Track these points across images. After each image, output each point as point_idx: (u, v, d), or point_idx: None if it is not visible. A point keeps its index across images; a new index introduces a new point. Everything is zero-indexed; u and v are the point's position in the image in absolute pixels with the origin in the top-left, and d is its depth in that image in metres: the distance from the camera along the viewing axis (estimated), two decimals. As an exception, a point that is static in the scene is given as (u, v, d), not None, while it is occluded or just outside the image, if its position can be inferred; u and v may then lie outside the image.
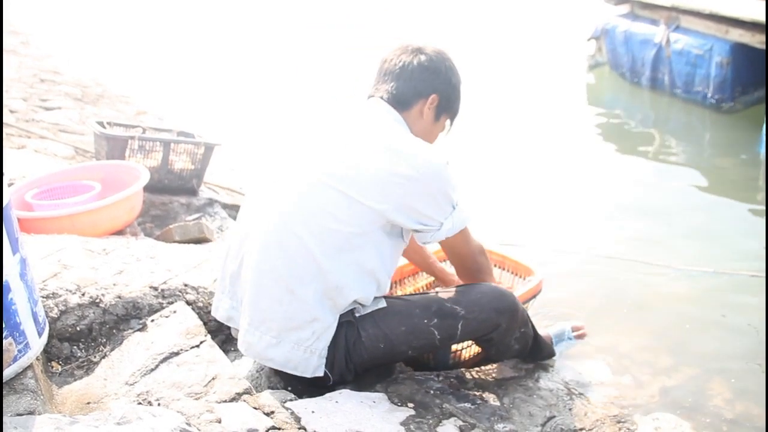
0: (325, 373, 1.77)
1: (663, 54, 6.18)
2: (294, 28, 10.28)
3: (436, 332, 1.82)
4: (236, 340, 1.87)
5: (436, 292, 1.91)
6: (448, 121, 1.97)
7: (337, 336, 1.76)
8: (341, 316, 1.77)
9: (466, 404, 1.88)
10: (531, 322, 2.07)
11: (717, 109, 5.79)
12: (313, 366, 1.76)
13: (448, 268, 2.33)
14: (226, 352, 1.99)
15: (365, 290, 1.76)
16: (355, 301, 1.77)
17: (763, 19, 5.12)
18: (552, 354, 2.29)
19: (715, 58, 5.64)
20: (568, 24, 8.94)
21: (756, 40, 5.30)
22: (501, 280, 2.50)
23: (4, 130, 4.03)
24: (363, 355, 1.80)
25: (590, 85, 7.38)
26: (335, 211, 1.70)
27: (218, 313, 1.90)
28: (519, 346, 2.04)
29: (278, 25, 10.48)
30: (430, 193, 1.73)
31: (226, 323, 1.90)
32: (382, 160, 1.70)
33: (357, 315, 1.79)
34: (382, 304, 1.82)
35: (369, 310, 1.80)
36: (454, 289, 1.92)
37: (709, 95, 5.81)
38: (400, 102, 1.86)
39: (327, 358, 1.76)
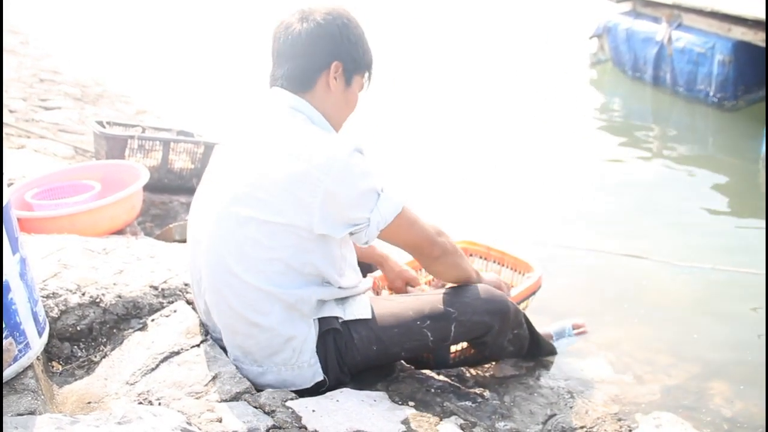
0: (324, 377, 1.76)
1: (665, 52, 6.17)
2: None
3: (429, 334, 1.81)
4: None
5: (429, 294, 1.89)
6: (364, 78, 1.81)
7: (325, 344, 1.75)
8: (323, 323, 1.74)
9: (466, 402, 1.88)
10: (528, 322, 2.06)
11: (719, 107, 5.77)
12: (308, 377, 1.75)
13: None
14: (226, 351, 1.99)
15: (325, 291, 1.73)
16: (329, 302, 1.74)
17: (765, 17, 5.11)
18: (553, 352, 2.29)
19: (717, 56, 5.62)
20: (570, 22, 8.93)
21: (758, 38, 5.28)
22: (501, 276, 2.50)
23: (4, 129, 4.03)
24: (356, 357, 1.79)
25: (592, 82, 7.37)
26: (262, 241, 1.62)
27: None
28: (513, 348, 2.03)
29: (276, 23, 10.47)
30: (344, 189, 1.59)
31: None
32: (284, 170, 1.59)
33: (341, 321, 1.76)
34: (367, 315, 1.78)
35: (353, 317, 1.77)
36: (447, 290, 1.90)
37: (712, 93, 5.79)
38: (301, 83, 1.71)
39: (320, 365, 1.75)
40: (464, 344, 2.01)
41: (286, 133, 1.66)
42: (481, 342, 1.92)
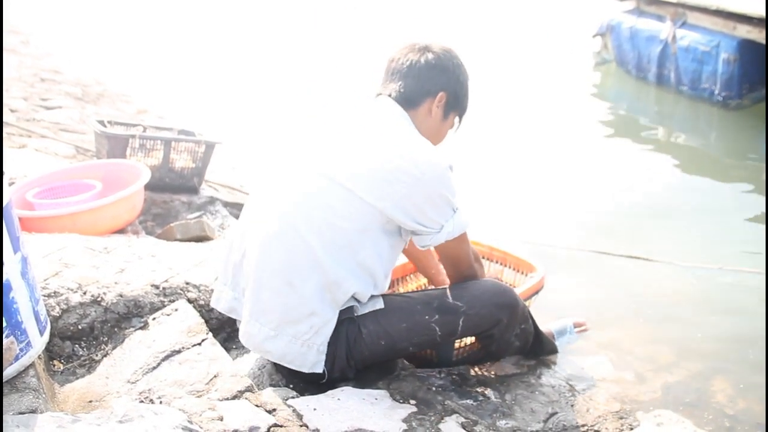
0: (323, 370, 1.77)
1: (669, 50, 6.15)
2: (294, 25, 10.27)
3: (437, 328, 1.82)
4: (238, 336, 1.87)
5: (437, 289, 1.91)
6: (456, 119, 1.96)
7: (338, 333, 1.76)
8: (341, 312, 1.77)
9: (468, 401, 1.88)
10: (532, 318, 2.07)
11: (724, 106, 5.75)
12: (311, 361, 1.75)
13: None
14: (227, 349, 2.00)
15: (363, 286, 1.76)
16: (353, 297, 1.77)
17: None
18: (554, 350, 2.29)
19: (722, 54, 5.59)
20: (573, 20, 8.92)
21: (763, 36, 5.25)
22: (504, 277, 2.50)
23: (5, 129, 4.03)
24: (364, 351, 1.80)
25: (596, 81, 7.36)
26: (336, 206, 1.70)
27: (219, 305, 1.90)
28: (519, 343, 2.04)
29: (277, 23, 10.48)
30: (432, 194, 1.72)
31: (227, 314, 1.90)
32: (386, 157, 1.70)
33: (356, 314, 1.79)
34: (380, 305, 1.81)
35: (367, 310, 1.80)
36: (454, 285, 1.92)
37: (716, 92, 5.76)
38: (408, 100, 1.84)
39: (327, 355, 1.76)
40: (468, 341, 2.01)
41: (394, 131, 1.77)
42: (489, 335, 1.93)
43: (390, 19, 10.28)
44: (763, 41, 5.26)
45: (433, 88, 1.85)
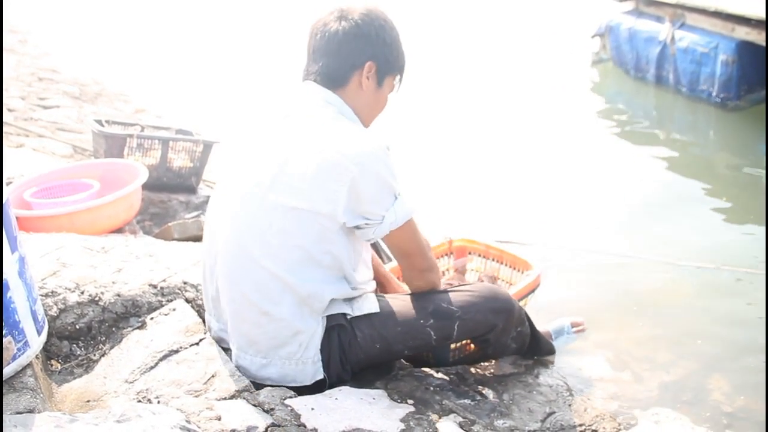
0: (324, 375, 1.77)
1: (668, 52, 6.14)
2: (292, 25, 10.26)
3: (432, 333, 1.81)
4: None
5: (433, 293, 1.88)
6: (396, 79, 1.84)
7: (329, 340, 1.75)
8: (330, 319, 1.75)
9: (465, 401, 1.88)
10: (529, 319, 2.07)
11: (722, 107, 5.73)
12: (310, 374, 1.76)
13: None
14: (225, 349, 1.99)
15: (339, 288, 1.74)
16: (336, 300, 1.75)
17: None
18: (552, 351, 2.29)
19: (720, 56, 5.57)
20: (572, 21, 8.92)
21: (762, 38, 5.23)
22: (500, 274, 2.50)
23: (3, 128, 4.03)
24: (359, 355, 1.79)
25: (594, 82, 7.35)
26: (286, 227, 1.65)
27: (210, 332, 1.90)
28: (516, 345, 2.04)
29: (276, 22, 10.47)
30: (372, 185, 1.64)
31: (219, 344, 1.88)
32: (319, 158, 1.62)
33: (349, 317, 1.77)
34: (375, 308, 1.79)
35: (361, 313, 1.78)
36: (450, 289, 1.90)
37: (715, 94, 5.74)
38: (334, 79, 1.74)
39: (322, 361, 1.76)
40: (465, 342, 2.01)
41: (318, 124, 1.69)
42: (484, 340, 1.92)
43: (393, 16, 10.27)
44: (762, 43, 5.25)
45: (358, 60, 1.74)
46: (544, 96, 6.59)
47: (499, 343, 1.95)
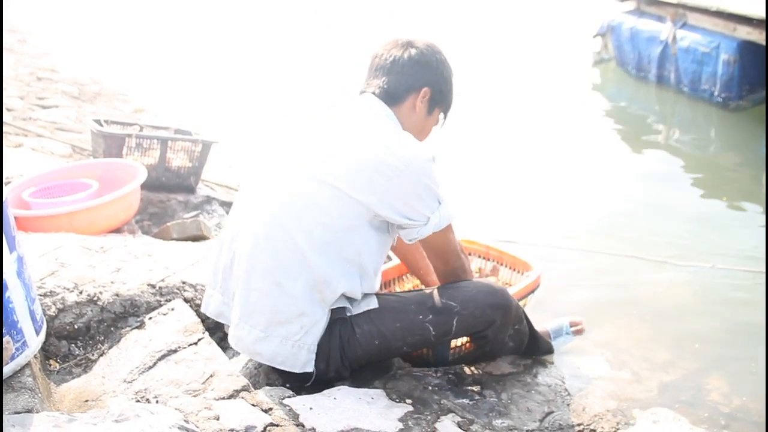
0: (314, 370, 1.77)
1: (669, 51, 6.13)
2: (291, 24, 10.27)
3: (431, 328, 1.83)
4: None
5: (431, 289, 1.91)
6: (441, 115, 1.95)
7: (331, 333, 1.76)
8: (333, 312, 1.76)
9: (464, 400, 1.88)
10: (527, 319, 2.07)
11: (724, 107, 5.72)
12: (302, 361, 1.75)
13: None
14: (224, 349, 1.99)
15: (352, 284, 1.76)
16: (343, 295, 1.76)
17: None
18: (550, 350, 2.30)
19: (722, 55, 5.57)
20: (574, 20, 8.92)
21: (764, 38, 5.23)
22: (500, 275, 2.51)
23: (2, 128, 4.02)
24: (357, 351, 1.80)
25: (596, 81, 7.35)
26: (324, 204, 1.70)
27: (209, 309, 1.89)
28: (514, 344, 2.04)
29: (276, 22, 10.47)
30: (417, 186, 1.72)
31: (216, 319, 1.89)
32: (369, 152, 1.70)
33: (349, 314, 1.78)
34: (374, 304, 1.81)
35: (361, 310, 1.79)
36: (448, 285, 1.91)
37: (716, 93, 5.74)
38: (392, 96, 1.84)
39: (322, 355, 1.76)
40: (464, 340, 2.01)
41: (377, 127, 1.76)
42: (482, 336, 1.93)
43: (392, 16, 10.28)
44: (764, 42, 5.24)
45: (417, 83, 1.85)
46: (546, 95, 6.60)
47: (496, 340, 1.96)
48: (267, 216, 1.74)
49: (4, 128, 4.06)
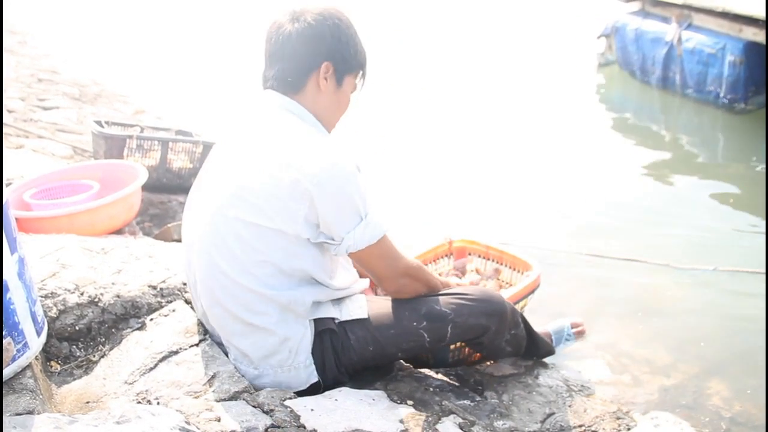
0: (319, 379, 1.77)
1: (674, 53, 6.09)
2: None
3: (425, 335, 1.81)
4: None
5: (426, 295, 1.86)
6: (359, 77, 1.80)
7: (322, 343, 1.75)
8: (319, 323, 1.75)
9: (465, 401, 1.88)
10: (525, 322, 2.06)
11: (729, 109, 5.67)
12: (304, 378, 1.76)
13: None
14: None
15: (319, 293, 1.73)
16: (317, 303, 1.74)
17: None
18: (551, 352, 2.29)
19: (728, 57, 5.51)
20: (577, 21, 8.90)
21: (770, 39, 5.18)
22: (501, 277, 2.50)
23: (2, 129, 4.02)
24: (353, 357, 1.79)
25: (599, 83, 7.31)
26: (254, 243, 1.63)
27: (213, 338, 1.90)
28: (511, 349, 2.03)
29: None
30: (330, 203, 1.60)
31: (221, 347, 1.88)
32: (274, 177, 1.60)
33: (337, 322, 1.77)
34: (363, 313, 1.79)
35: (350, 317, 1.78)
36: (443, 292, 1.88)
37: (722, 95, 5.68)
38: (291, 85, 1.71)
39: (317, 365, 1.75)
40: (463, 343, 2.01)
41: (277, 137, 1.65)
42: (478, 343, 1.92)
43: (395, 16, 10.28)
44: None
45: (314, 62, 1.69)
46: (549, 97, 6.58)
47: (493, 345, 1.95)
48: (209, 268, 1.69)
49: (6, 130, 4.06)
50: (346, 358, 1.78)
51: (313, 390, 1.78)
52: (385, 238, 1.69)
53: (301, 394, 1.76)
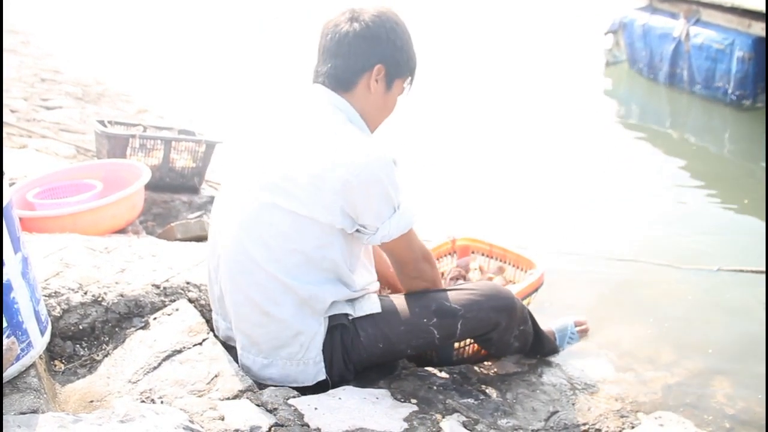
0: (326, 377, 1.77)
1: (682, 48, 6.04)
2: (292, 24, 10.27)
3: (435, 331, 1.82)
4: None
5: (435, 291, 1.88)
6: (407, 82, 1.83)
7: (332, 339, 1.76)
8: (332, 319, 1.75)
9: (469, 400, 1.88)
10: (532, 318, 2.07)
11: (738, 106, 5.62)
12: (312, 375, 1.76)
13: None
14: (228, 349, 1.99)
15: (339, 292, 1.74)
16: (333, 303, 1.75)
17: None
18: (555, 350, 2.29)
19: (736, 52, 5.46)
20: (585, 17, 8.86)
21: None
22: (505, 275, 2.50)
23: (6, 129, 4.03)
24: (362, 354, 1.79)
25: (607, 79, 7.28)
26: (287, 232, 1.65)
27: (219, 333, 1.91)
28: (519, 344, 2.03)
29: (277, 22, 10.47)
30: (367, 196, 1.64)
31: (227, 342, 1.89)
32: (315, 167, 1.62)
33: (350, 318, 1.78)
34: (377, 308, 1.79)
35: (363, 313, 1.78)
36: (453, 287, 1.90)
37: (730, 91, 5.64)
38: (342, 82, 1.73)
39: (324, 361, 1.76)
40: (470, 339, 2.01)
41: (323, 131, 1.67)
42: (487, 339, 1.93)
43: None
44: None
45: (368, 62, 1.72)
46: (557, 94, 6.55)
47: (501, 341, 1.96)
48: (237, 252, 1.71)
49: (9, 129, 4.07)
50: (355, 354, 1.79)
51: (319, 387, 1.78)
52: (413, 227, 1.75)
53: (306, 390, 1.76)
